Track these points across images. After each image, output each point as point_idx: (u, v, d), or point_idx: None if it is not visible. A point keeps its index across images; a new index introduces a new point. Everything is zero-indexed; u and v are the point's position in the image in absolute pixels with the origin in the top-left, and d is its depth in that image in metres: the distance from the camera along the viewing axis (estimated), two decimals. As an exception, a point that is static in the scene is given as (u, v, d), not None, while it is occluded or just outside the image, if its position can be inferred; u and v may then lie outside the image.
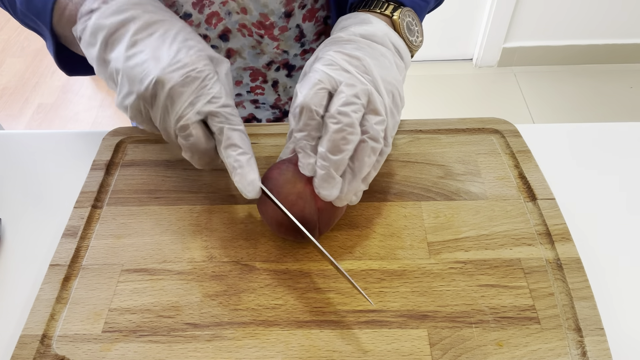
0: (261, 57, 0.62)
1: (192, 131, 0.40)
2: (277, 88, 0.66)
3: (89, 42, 0.41)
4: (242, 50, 0.61)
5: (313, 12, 0.58)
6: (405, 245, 0.45)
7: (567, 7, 1.93)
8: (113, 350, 0.39)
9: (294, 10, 0.57)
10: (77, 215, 0.48)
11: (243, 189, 0.40)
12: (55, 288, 0.42)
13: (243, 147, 0.41)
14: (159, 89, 0.39)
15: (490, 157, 0.53)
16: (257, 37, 0.59)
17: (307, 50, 0.63)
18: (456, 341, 0.39)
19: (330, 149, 0.38)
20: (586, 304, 0.40)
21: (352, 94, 0.39)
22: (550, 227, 0.46)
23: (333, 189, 0.40)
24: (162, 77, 0.38)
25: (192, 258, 0.45)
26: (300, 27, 0.59)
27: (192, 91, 0.39)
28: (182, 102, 0.39)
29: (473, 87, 2.06)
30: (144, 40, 0.40)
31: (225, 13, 0.57)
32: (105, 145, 0.55)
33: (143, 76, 0.39)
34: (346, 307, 0.41)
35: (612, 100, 1.96)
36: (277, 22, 0.57)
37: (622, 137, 0.58)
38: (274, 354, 0.39)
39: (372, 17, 0.46)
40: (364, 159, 0.40)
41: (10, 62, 2.26)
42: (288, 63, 0.63)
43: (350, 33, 0.44)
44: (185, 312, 0.41)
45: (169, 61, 0.39)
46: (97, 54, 0.41)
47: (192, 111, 0.39)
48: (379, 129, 0.40)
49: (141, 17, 0.41)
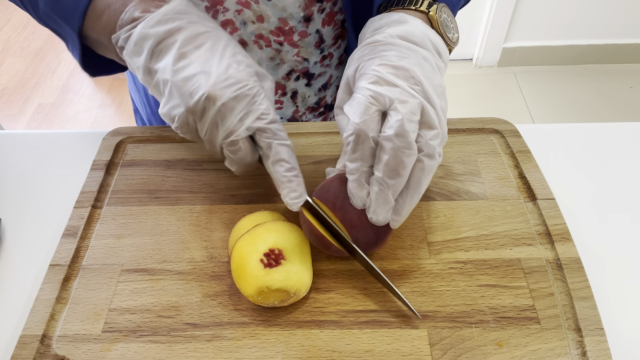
0: (281, 68, 0.61)
1: (241, 146, 0.41)
2: (295, 99, 0.65)
3: (133, 50, 0.41)
4: (260, 64, 0.60)
5: (332, 15, 0.57)
6: (405, 245, 0.45)
7: (567, 7, 1.93)
8: (113, 350, 0.39)
9: (314, 15, 0.56)
10: (77, 215, 0.48)
11: (291, 203, 0.41)
12: (55, 288, 0.42)
13: (291, 162, 0.41)
14: (210, 105, 0.39)
15: (490, 157, 0.53)
16: (275, 46, 0.58)
17: (326, 56, 0.61)
18: (456, 341, 0.39)
19: (387, 173, 0.37)
20: (586, 304, 0.40)
21: (407, 112, 0.37)
22: (550, 227, 0.46)
23: (387, 213, 0.39)
24: (214, 93, 0.38)
25: (192, 258, 0.45)
26: (320, 32, 0.58)
27: (242, 108, 0.39)
28: (233, 118, 0.39)
29: (473, 87, 2.06)
30: (192, 52, 0.40)
31: (241, 23, 0.55)
32: (105, 145, 0.55)
33: (193, 90, 0.39)
34: (346, 307, 0.41)
35: (612, 100, 1.96)
36: (296, 26, 0.56)
37: (622, 137, 0.58)
38: (274, 354, 0.39)
39: (407, 15, 0.44)
40: (422, 178, 0.38)
41: (10, 62, 2.26)
42: (308, 71, 0.62)
43: (387, 35, 0.42)
44: (185, 312, 0.41)
45: (220, 77, 0.39)
46: (143, 63, 0.41)
47: (242, 127, 0.40)
48: (435, 144, 0.38)
49: (187, 28, 0.41)
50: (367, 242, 0.41)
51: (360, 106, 0.38)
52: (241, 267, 0.39)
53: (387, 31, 0.42)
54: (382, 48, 0.41)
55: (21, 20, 2.50)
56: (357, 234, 0.41)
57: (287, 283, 0.39)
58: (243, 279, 0.39)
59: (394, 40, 0.42)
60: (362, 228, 0.41)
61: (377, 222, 0.40)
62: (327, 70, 0.63)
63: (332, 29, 0.59)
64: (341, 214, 0.41)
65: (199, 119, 0.40)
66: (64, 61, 2.27)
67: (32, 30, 2.44)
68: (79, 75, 2.19)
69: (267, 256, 0.40)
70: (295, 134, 0.56)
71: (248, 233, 0.41)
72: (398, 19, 0.43)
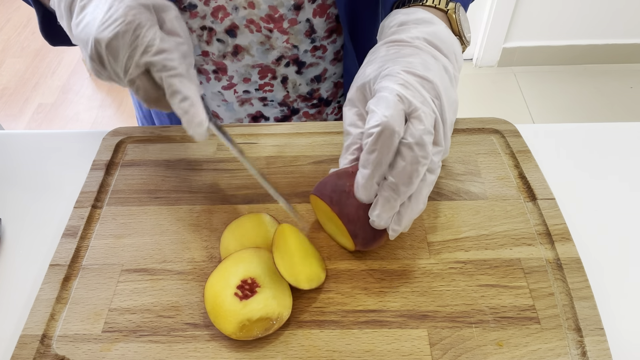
0: (270, 53, 0.61)
1: (139, 84, 0.40)
2: (286, 84, 0.65)
3: (59, 15, 0.42)
4: (250, 47, 0.60)
5: (324, 7, 0.57)
6: (405, 245, 0.45)
7: (567, 7, 1.93)
8: (113, 350, 0.39)
9: (304, 4, 0.56)
10: (77, 215, 0.48)
11: (192, 133, 0.40)
12: (55, 288, 0.42)
13: (183, 92, 0.40)
14: (100, 49, 0.39)
15: (490, 157, 0.53)
16: (265, 32, 0.58)
17: (318, 47, 0.61)
18: (456, 341, 0.39)
19: (402, 179, 0.37)
20: (586, 304, 0.40)
21: (430, 123, 0.37)
22: (550, 227, 0.46)
23: (389, 220, 0.39)
24: (97, 37, 0.38)
25: (192, 258, 0.45)
26: (311, 22, 0.58)
27: (127, 44, 0.38)
28: (122, 57, 0.39)
29: (473, 87, 2.06)
30: (89, 3, 0.40)
31: (232, 8, 0.56)
32: (105, 145, 0.55)
33: (87, 39, 0.39)
34: (346, 307, 0.41)
35: (612, 100, 1.96)
36: (286, 14, 0.57)
37: (622, 137, 0.58)
38: (274, 354, 0.39)
39: (433, 16, 0.44)
40: (423, 191, 0.39)
41: (10, 62, 2.27)
42: (298, 59, 0.62)
43: (414, 36, 0.42)
44: (185, 312, 0.41)
45: (101, 19, 0.38)
46: (66, 24, 0.42)
47: (132, 65, 0.39)
48: (437, 160, 0.39)
49: None
50: (365, 238, 0.41)
51: (389, 102, 0.37)
52: (217, 306, 0.39)
53: (413, 32, 0.42)
54: (408, 51, 0.41)
55: (21, 20, 2.50)
56: (354, 228, 0.41)
57: (268, 310, 0.38)
58: (221, 318, 0.38)
59: (421, 44, 0.42)
60: (360, 223, 0.40)
61: (377, 226, 0.40)
62: (320, 63, 0.63)
63: (325, 22, 0.59)
64: (338, 208, 0.41)
65: (101, 65, 0.40)
66: (64, 61, 2.27)
67: (33, 30, 2.44)
68: (80, 75, 2.19)
69: (241, 288, 0.39)
70: (295, 134, 0.56)
71: (216, 270, 0.40)
72: (424, 18, 0.43)
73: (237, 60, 0.61)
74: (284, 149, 0.55)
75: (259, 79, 0.64)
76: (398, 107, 0.37)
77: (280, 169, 0.53)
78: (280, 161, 0.53)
